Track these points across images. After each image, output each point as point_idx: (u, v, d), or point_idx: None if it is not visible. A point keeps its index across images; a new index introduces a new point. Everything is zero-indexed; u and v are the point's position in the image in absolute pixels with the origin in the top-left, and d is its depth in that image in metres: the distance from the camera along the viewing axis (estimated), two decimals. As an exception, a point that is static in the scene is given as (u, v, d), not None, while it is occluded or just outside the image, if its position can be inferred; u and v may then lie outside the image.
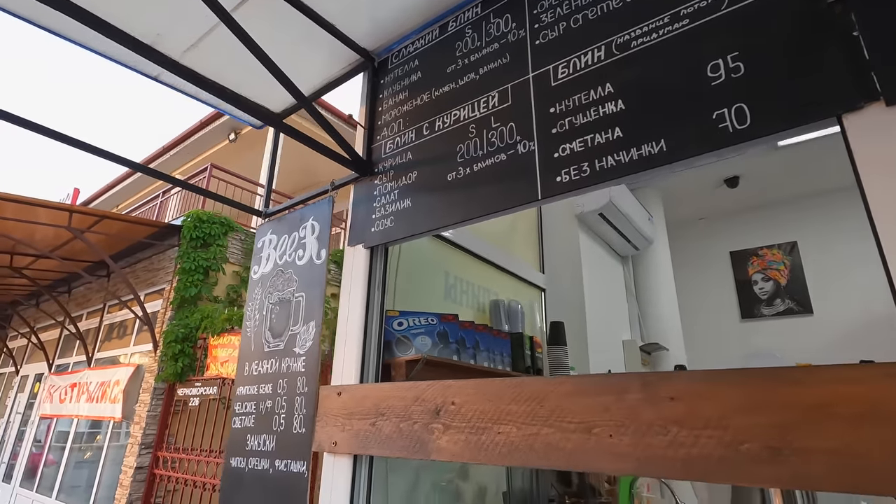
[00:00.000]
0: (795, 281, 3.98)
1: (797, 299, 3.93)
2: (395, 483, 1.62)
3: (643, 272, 3.77)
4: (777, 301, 4.01)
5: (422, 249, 2.03)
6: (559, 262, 3.03)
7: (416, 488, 1.75)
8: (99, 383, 6.90)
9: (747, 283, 4.19)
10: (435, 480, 1.87)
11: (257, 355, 1.78)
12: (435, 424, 1.19)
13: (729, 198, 4.17)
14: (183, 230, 6.38)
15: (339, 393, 1.43)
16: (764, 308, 4.05)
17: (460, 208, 1.40)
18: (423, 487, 1.79)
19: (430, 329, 1.71)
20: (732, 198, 4.15)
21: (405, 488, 1.67)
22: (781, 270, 4.07)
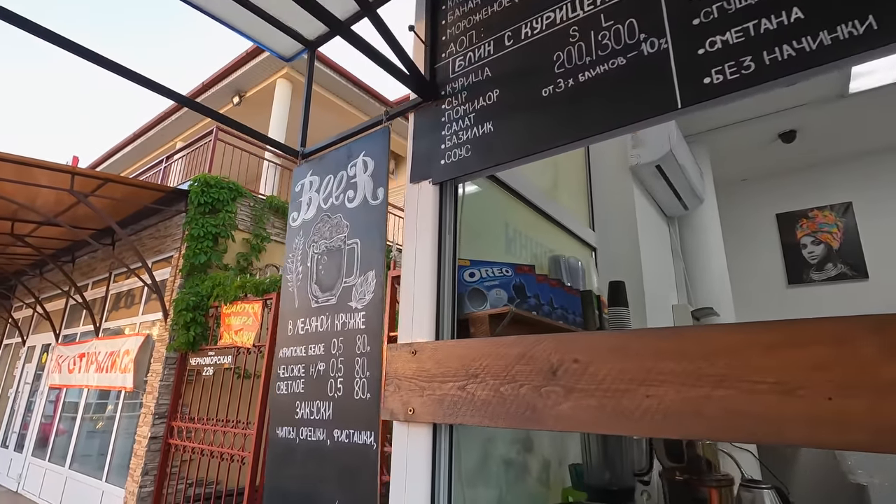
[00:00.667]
0: (849, 244, 3.73)
1: (851, 263, 3.69)
2: (465, 456, 1.41)
3: (690, 234, 3.52)
4: (828, 266, 3.77)
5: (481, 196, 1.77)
6: (610, 219, 2.77)
7: (484, 461, 1.55)
8: (108, 353, 6.75)
9: (795, 246, 3.94)
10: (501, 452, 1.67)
11: (303, 312, 1.54)
12: (551, 387, 0.96)
13: (777, 156, 3.88)
14: (190, 195, 6.11)
15: (414, 352, 1.20)
16: (814, 273, 3.81)
17: (564, 128, 1.14)
18: (492, 459, 1.59)
19: (505, 281, 1.47)
20: (781, 156, 3.87)
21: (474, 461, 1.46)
22: (834, 233, 3.81)
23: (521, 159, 1.22)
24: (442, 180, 1.36)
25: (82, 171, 5.26)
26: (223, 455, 4.75)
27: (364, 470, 1.24)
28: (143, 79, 1.37)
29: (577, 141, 1.13)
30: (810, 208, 3.96)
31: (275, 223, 7.04)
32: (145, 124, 10.29)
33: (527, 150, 1.20)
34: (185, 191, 6.15)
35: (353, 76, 8.85)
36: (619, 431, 0.86)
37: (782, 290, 3.93)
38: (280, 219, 7.13)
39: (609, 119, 1.08)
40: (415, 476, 1.16)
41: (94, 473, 6.37)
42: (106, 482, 6.04)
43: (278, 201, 7.05)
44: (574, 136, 1.13)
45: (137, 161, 11.72)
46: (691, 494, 1.25)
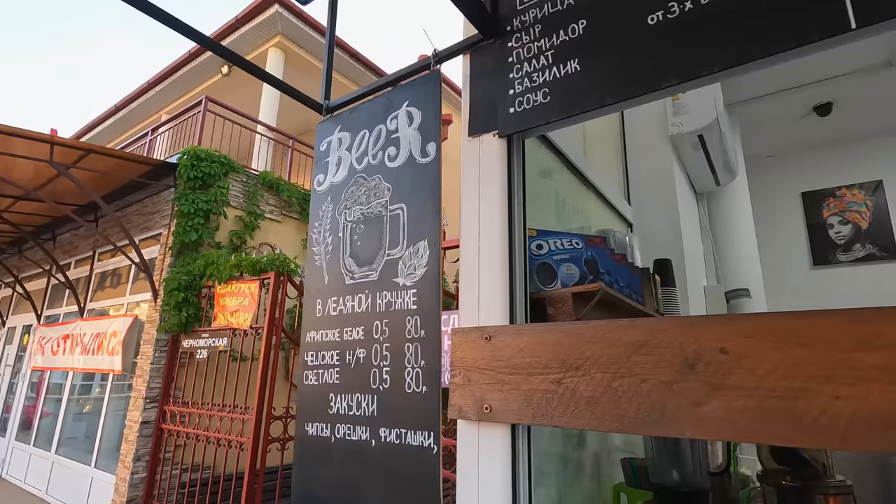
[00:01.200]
0: (879, 224, 3.59)
1: (880, 244, 3.56)
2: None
3: (719, 211, 3.34)
4: (856, 246, 3.63)
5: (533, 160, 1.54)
6: (647, 193, 2.57)
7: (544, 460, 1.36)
8: (94, 335, 6.46)
9: (821, 226, 3.79)
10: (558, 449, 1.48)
11: (335, 290, 1.32)
12: (687, 384, 0.76)
13: (808, 131, 3.69)
14: (179, 169, 5.76)
15: (488, 338, 0.98)
16: (840, 254, 3.67)
17: (678, 62, 0.92)
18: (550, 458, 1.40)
19: (576, 255, 1.26)
20: (812, 131, 3.68)
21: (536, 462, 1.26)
22: (863, 213, 3.67)
23: (617, 104, 1.00)
24: (511, 132, 1.13)
25: (62, 141, 4.90)
26: (220, 441, 4.56)
27: (421, 477, 1.03)
28: (162, 14, 1.11)
29: (695, 79, 0.91)
30: (838, 187, 3.80)
31: (268, 200, 6.74)
32: (128, 95, 9.78)
33: (625, 92, 0.98)
34: (173, 164, 5.81)
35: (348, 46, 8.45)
36: (798, 443, 0.66)
37: (806, 272, 3.79)
38: (274, 195, 6.82)
39: (743, 49, 0.86)
40: (490, 486, 0.96)
41: (82, 458, 6.14)
42: (95, 468, 5.81)
43: (272, 177, 6.73)
44: (692, 73, 0.91)
45: (120, 134, 11.18)
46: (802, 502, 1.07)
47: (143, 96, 9.66)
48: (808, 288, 3.73)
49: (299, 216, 7.09)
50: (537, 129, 1.12)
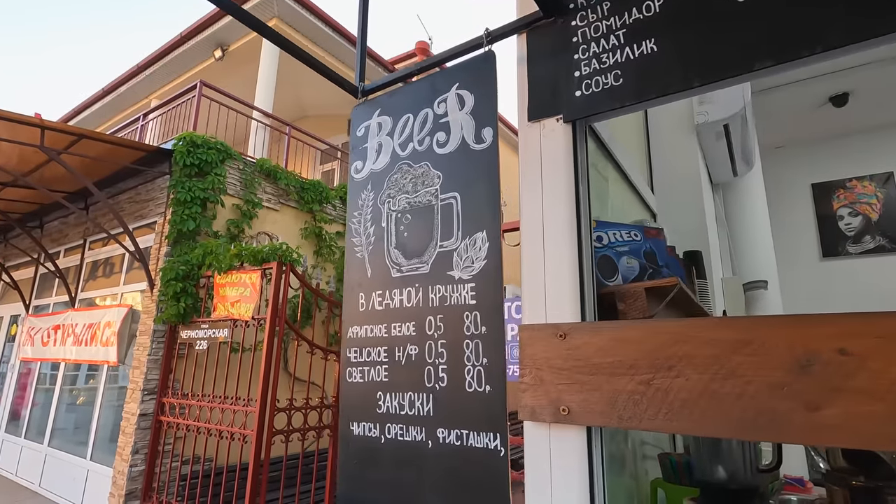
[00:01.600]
0: (889, 216, 3.60)
1: (890, 236, 3.57)
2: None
3: (734, 202, 3.32)
4: (866, 238, 3.64)
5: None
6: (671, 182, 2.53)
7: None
8: (86, 325, 6.31)
9: (831, 218, 3.80)
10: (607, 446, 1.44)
11: (380, 284, 1.25)
12: (799, 386, 0.71)
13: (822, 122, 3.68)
14: (175, 156, 5.60)
15: (562, 335, 0.93)
16: (850, 246, 3.68)
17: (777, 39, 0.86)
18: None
19: (635, 247, 1.21)
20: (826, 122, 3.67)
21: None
22: (873, 204, 3.67)
23: (703, 87, 0.94)
24: (578, 117, 1.06)
25: (54, 126, 4.72)
26: (222, 433, 4.48)
27: (486, 481, 0.98)
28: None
29: (797, 59, 0.85)
30: (848, 178, 3.80)
31: (266, 188, 6.59)
32: (116, 79, 9.48)
33: (711, 74, 0.92)
34: (168, 151, 5.64)
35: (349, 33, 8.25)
36: (936, 451, 0.61)
37: (815, 263, 3.80)
38: (271, 183, 6.67)
39: (856, 24, 0.80)
40: (567, 492, 0.91)
41: (77, 451, 6.03)
42: (91, 460, 5.71)
43: (269, 164, 6.58)
44: (792, 53, 0.85)
45: (108, 120, 10.87)
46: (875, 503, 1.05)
47: (132, 80, 9.37)
48: (817, 280, 3.74)
49: (297, 205, 6.97)
50: (608, 114, 1.05)
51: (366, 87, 1.47)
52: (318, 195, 7.14)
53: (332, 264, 7.24)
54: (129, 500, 4.85)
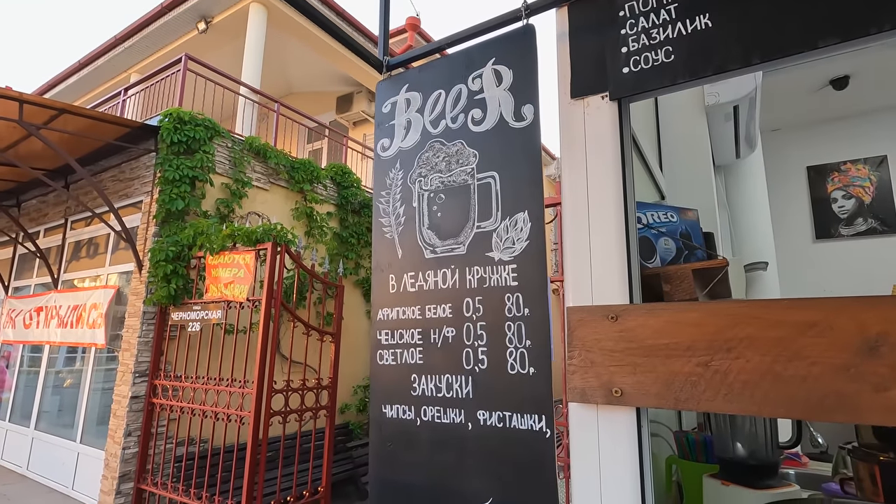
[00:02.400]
0: (881, 199, 3.68)
1: (882, 218, 3.65)
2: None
3: (735, 183, 3.35)
4: (858, 220, 3.72)
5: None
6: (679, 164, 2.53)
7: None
8: (71, 307, 6.15)
9: (825, 200, 3.86)
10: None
11: (412, 265, 1.23)
12: (867, 368, 0.71)
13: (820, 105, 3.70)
14: (161, 132, 5.41)
15: (614, 317, 0.92)
16: (843, 228, 3.75)
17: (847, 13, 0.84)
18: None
19: (671, 228, 1.20)
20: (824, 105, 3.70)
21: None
22: (866, 187, 3.74)
23: (760, 65, 0.92)
24: (625, 95, 1.04)
25: (33, 99, 4.50)
26: (218, 414, 4.45)
27: (531, 463, 0.98)
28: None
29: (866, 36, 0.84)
30: (843, 161, 3.86)
31: (255, 167, 6.44)
32: (93, 51, 9.07)
33: (772, 50, 0.90)
34: (154, 127, 5.44)
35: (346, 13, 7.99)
36: None
37: (808, 245, 3.88)
38: (261, 162, 6.51)
39: (927, 4, 0.79)
40: (616, 472, 0.92)
41: (65, 434, 5.94)
42: (81, 443, 5.64)
43: (258, 142, 6.41)
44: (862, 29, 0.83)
45: (85, 94, 10.43)
46: (905, 478, 1.08)
47: (111, 52, 8.97)
48: (811, 261, 3.82)
49: (287, 185, 6.83)
50: (658, 92, 1.03)
51: (391, 61, 1.41)
52: (309, 175, 7.01)
53: (324, 245, 7.15)
54: (123, 482, 4.81)
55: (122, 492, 4.78)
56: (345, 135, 9.31)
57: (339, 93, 10.51)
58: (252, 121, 7.48)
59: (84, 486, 5.36)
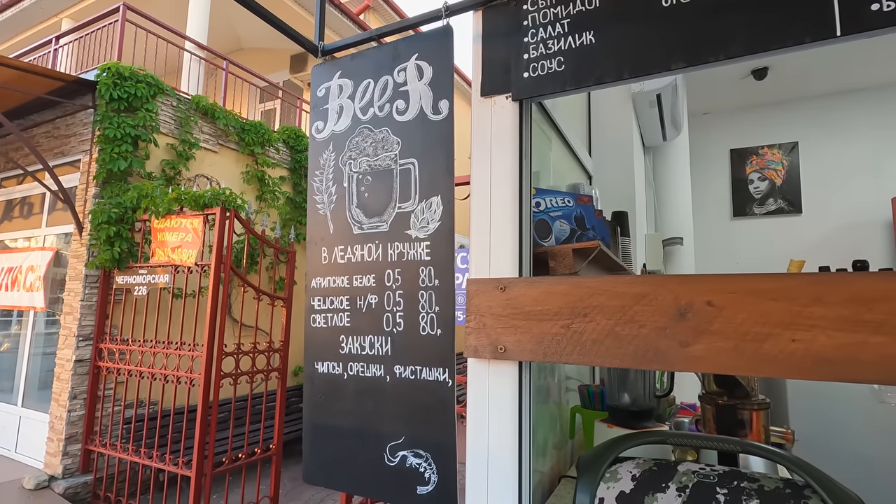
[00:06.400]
0: (790, 181, 4.08)
1: (789, 199, 4.06)
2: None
3: (662, 164, 3.63)
4: (769, 200, 4.12)
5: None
6: (606, 147, 2.74)
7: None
8: (6, 269, 5.91)
9: (743, 181, 4.24)
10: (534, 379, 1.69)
11: (342, 239, 1.37)
12: (678, 329, 0.94)
13: (741, 92, 4.01)
14: (99, 88, 5.15)
15: (503, 288, 1.11)
16: (756, 207, 4.15)
17: (689, 46, 1.02)
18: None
19: (567, 212, 1.39)
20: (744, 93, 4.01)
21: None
22: (778, 171, 4.13)
23: (629, 79, 1.10)
24: (524, 97, 1.20)
25: (-49, 46, 4.17)
26: (167, 377, 4.50)
27: (437, 407, 1.18)
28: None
29: (705, 64, 1.03)
30: (761, 146, 4.22)
31: (203, 128, 6.24)
32: (14, -6, 8.29)
33: (639, 68, 1.08)
34: (91, 82, 5.17)
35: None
36: (760, 374, 0.86)
37: (727, 222, 4.26)
38: (209, 123, 6.32)
39: (749, 41, 0.98)
40: (500, 413, 1.13)
41: (5, 399, 5.81)
42: (23, 407, 5.55)
43: (206, 102, 6.20)
44: (702, 58, 1.02)
45: (7, 40, 9.57)
46: (735, 417, 1.36)
47: (33, -4, 8.23)
48: (728, 236, 4.22)
49: (237, 147, 6.67)
50: (550, 96, 1.20)
51: (326, 46, 1.50)
52: (260, 137, 6.86)
53: (276, 210, 7.09)
54: (70, 443, 4.83)
55: (69, 453, 4.80)
56: (299, 96, 9.05)
57: (294, 51, 10.12)
58: (199, 78, 7.17)
59: (27, 449, 5.32)
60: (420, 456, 1.19)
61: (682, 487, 1.04)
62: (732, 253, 4.13)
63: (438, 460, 1.17)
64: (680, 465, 1.11)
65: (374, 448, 1.25)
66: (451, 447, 1.16)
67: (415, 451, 1.20)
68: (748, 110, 4.26)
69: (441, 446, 1.17)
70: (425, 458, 1.18)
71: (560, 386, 2.20)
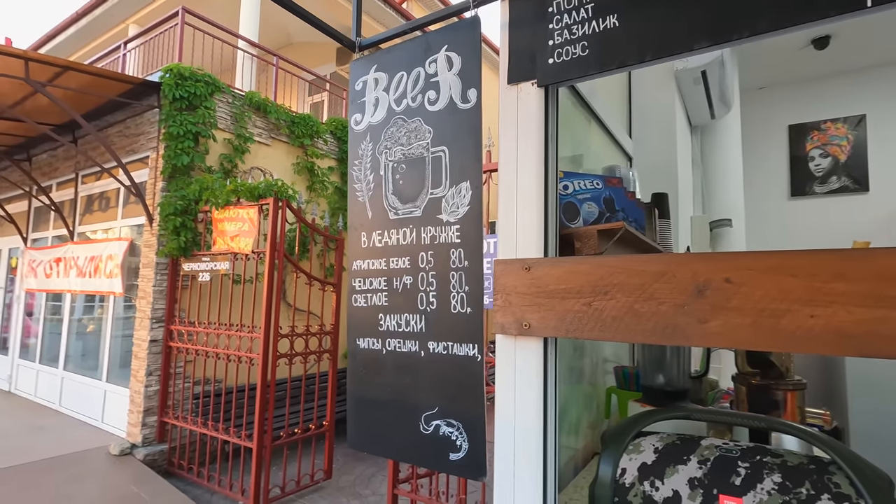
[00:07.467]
0: (856, 157, 3.81)
1: (854, 177, 3.80)
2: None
3: (711, 143, 3.49)
4: (832, 178, 3.87)
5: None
6: (648, 127, 2.69)
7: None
8: (88, 258, 6.52)
9: (803, 159, 3.99)
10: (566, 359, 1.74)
11: (379, 224, 1.47)
12: (696, 306, 0.96)
13: (801, 64, 3.77)
14: (163, 88, 5.54)
15: (528, 268, 1.16)
16: (817, 185, 3.91)
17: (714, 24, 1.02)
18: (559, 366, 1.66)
19: (596, 194, 1.42)
20: (804, 64, 3.76)
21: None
22: (843, 146, 3.86)
23: (652, 61, 1.11)
24: (550, 83, 1.23)
25: (38, 57, 4.63)
26: (230, 357, 4.86)
27: (466, 380, 1.26)
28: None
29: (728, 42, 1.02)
30: (823, 120, 3.95)
31: (256, 122, 6.57)
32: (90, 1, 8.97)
33: (661, 49, 1.09)
34: (156, 83, 5.56)
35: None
36: (777, 349, 0.88)
37: (784, 202, 4.05)
38: (261, 117, 6.64)
39: (775, 17, 0.97)
40: (526, 387, 1.19)
41: (91, 374, 6.46)
42: (107, 382, 6.15)
43: (258, 97, 6.51)
44: (725, 36, 1.02)
45: (82, 47, 10.38)
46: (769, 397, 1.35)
47: (108, 2, 8.87)
48: (785, 218, 4.01)
49: (288, 139, 6.97)
50: (575, 80, 1.22)
51: (363, 42, 1.59)
52: (309, 129, 7.13)
53: (325, 199, 7.37)
54: (148, 415, 5.32)
55: (147, 424, 5.30)
56: (345, 88, 9.29)
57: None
58: (251, 74, 7.52)
59: (112, 420, 5.91)
60: (452, 425, 1.28)
61: (704, 460, 1.07)
62: (790, 234, 3.93)
63: (469, 429, 1.25)
64: (704, 440, 1.14)
65: (410, 418, 1.35)
66: (481, 417, 1.24)
67: (447, 420, 1.29)
68: (809, 83, 4.00)
69: (471, 416, 1.25)
70: (457, 428, 1.27)
71: (597, 367, 2.22)
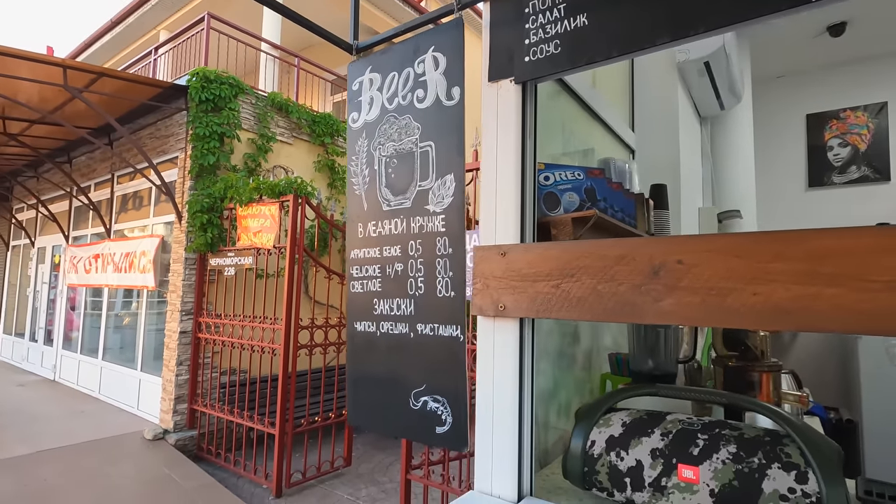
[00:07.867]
0: (877, 146, 3.71)
1: (875, 166, 3.70)
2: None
3: (721, 134, 3.47)
4: (852, 168, 3.78)
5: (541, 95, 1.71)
6: (651, 120, 2.71)
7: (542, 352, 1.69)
8: (124, 254, 6.87)
9: (821, 148, 3.91)
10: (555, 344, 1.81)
11: (374, 216, 1.57)
12: (651, 286, 1.03)
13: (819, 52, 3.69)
14: (190, 92, 5.79)
15: (503, 253, 1.25)
16: (836, 176, 3.83)
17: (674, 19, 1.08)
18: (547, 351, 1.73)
19: (577, 185, 1.49)
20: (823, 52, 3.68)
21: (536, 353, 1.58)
22: (863, 135, 3.77)
23: (618, 57, 1.17)
24: (525, 79, 1.31)
25: (75, 65, 4.93)
26: (254, 347, 5.08)
27: (451, 358, 1.35)
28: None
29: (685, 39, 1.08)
30: (842, 109, 3.87)
31: (279, 122, 6.79)
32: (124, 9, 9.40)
33: (627, 46, 1.15)
34: (183, 87, 5.82)
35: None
36: (724, 325, 0.94)
37: (801, 193, 3.98)
38: (284, 117, 6.85)
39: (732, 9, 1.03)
40: (503, 365, 1.28)
41: (128, 364, 6.83)
42: (141, 371, 6.49)
43: (281, 98, 6.72)
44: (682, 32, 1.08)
45: (117, 53, 10.88)
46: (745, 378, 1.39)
47: (139, 10, 9.28)
48: (801, 209, 3.94)
49: (309, 138, 7.17)
50: (548, 77, 1.30)
51: (359, 44, 1.69)
52: (330, 128, 7.31)
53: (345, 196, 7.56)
54: (178, 403, 5.61)
55: (178, 411, 5.59)
56: (365, 86, 9.46)
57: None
58: (274, 75, 7.76)
59: (147, 406, 6.25)
60: (438, 401, 1.37)
61: (667, 433, 1.14)
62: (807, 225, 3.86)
63: (453, 404, 1.35)
64: (669, 415, 1.20)
65: (400, 395, 1.45)
66: (463, 393, 1.33)
67: (434, 396, 1.38)
68: (827, 71, 3.91)
69: (455, 392, 1.34)
70: (442, 403, 1.37)
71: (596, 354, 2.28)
